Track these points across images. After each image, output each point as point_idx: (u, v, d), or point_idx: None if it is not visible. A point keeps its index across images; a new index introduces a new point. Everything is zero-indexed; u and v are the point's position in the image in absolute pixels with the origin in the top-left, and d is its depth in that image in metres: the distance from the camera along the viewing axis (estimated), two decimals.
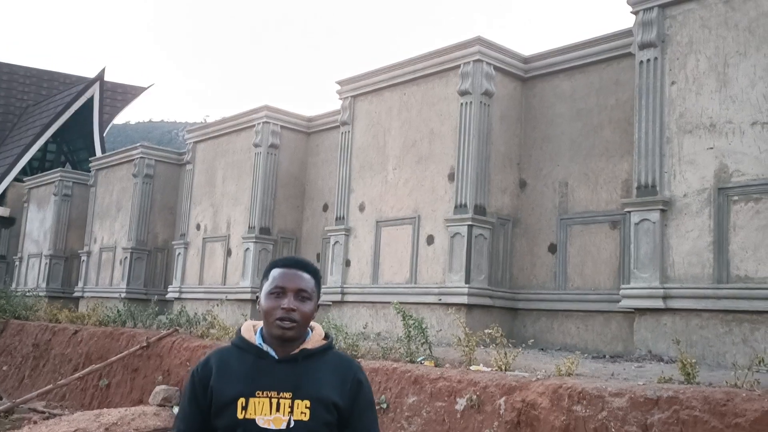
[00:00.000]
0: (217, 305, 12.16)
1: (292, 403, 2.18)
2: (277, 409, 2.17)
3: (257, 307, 2.33)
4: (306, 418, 2.18)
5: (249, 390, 2.18)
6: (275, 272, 2.30)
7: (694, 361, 5.21)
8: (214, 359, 2.28)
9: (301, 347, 2.27)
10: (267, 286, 2.29)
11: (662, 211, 7.70)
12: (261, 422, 2.15)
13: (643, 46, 8.16)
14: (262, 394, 2.18)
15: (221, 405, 2.18)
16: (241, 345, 2.30)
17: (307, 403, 2.19)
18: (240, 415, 2.16)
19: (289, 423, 2.16)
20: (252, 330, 2.33)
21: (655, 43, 8.05)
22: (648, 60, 8.11)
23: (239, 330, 2.35)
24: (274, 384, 2.20)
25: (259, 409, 2.16)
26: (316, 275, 2.35)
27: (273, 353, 2.25)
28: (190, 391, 2.27)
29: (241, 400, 2.17)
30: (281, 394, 2.18)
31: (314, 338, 2.32)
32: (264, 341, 2.28)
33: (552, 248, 9.71)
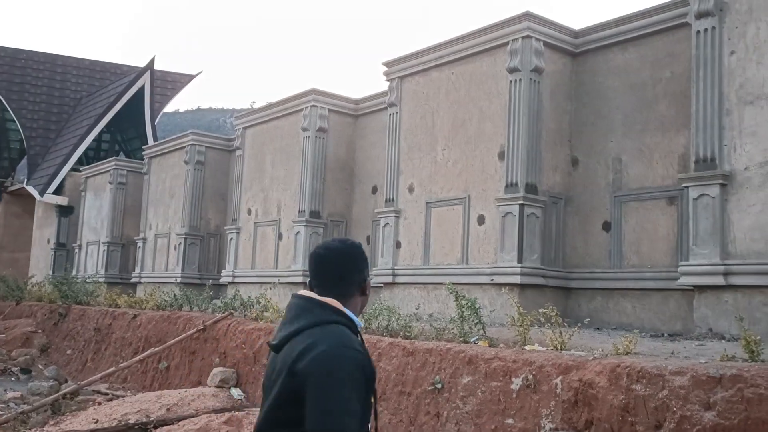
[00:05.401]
0: (270, 288, 12.31)
1: None
2: None
3: (365, 294, 2.30)
4: None
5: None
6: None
7: (758, 338, 5.07)
8: (362, 348, 2.11)
9: None
10: (369, 272, 2.36)
11: (722, 185, 7.46)
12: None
13: (700, 16, 7.88)
14: None
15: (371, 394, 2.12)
16: (355, 328, 2.20)
17: None
18: (372, 400, 2.13)
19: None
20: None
21: (713, 11, 7.77)
22: (705, 30, 7.84)
23: (344, 312, 2.19)
24: None
25: None
26: None
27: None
28: (360, 386, 2.02)
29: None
30: None
31: None
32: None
33: (606, 226, 9.53)
